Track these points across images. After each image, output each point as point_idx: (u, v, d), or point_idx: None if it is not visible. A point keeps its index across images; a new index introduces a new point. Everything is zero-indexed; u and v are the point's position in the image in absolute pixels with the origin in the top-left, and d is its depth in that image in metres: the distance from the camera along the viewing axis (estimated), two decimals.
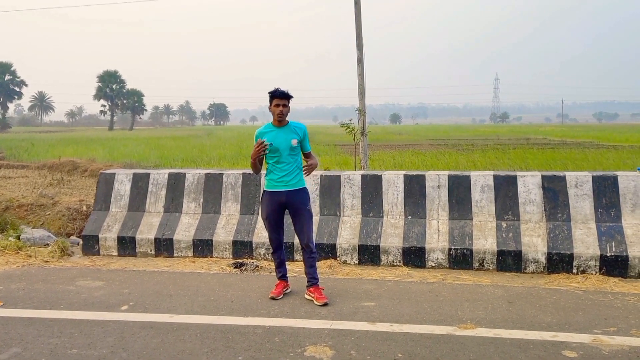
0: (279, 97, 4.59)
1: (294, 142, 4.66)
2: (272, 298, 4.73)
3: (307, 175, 4.85)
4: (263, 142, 4.53)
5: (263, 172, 5.07)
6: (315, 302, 4.58)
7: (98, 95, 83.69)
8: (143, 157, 17.99)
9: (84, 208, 8.35)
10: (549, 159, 14.99)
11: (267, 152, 4.58)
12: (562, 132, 45.10)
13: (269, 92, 4.65)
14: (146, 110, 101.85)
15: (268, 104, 4.68)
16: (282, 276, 4.92)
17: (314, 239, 6.04)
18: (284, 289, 4.87)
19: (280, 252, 4.91)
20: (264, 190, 4.79)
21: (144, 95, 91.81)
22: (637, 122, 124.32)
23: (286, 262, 5.06)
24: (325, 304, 4.53)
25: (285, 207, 4.76)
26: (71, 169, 15.53)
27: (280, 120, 4.64)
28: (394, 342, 3.78)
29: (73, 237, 7.44)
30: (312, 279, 4.74)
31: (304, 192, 4.77)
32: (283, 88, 4.65)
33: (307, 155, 4.84)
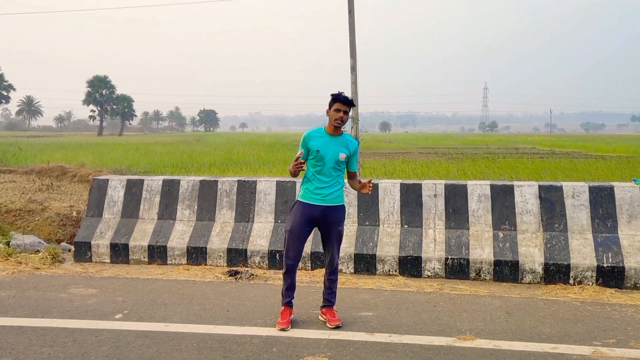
0: (342, 102, 4.17)
1: (342, 156, 4.23)
2: (282, 329, 4.16)
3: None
4: (299, 159, 4.11)
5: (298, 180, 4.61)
6: (327, 324, 4.27)
7: (87, 101, 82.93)
8: (133, 163, 17.81)
9: (74, 214, 8.24)
10: (539, 169, 15.06)
11: (304, 169, 4.17)
12: (550, 141, 45.47)
13: (332, 94, 4.23)
14: (136, 116, 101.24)
15: (328, 108, 4.24)
16: (289, 302, 4.33)
17: (311, 247, 6.00)
18: (291, 316, 4.32)
19: (294, 273, 4.31)
20: (297, 200, 4.31)
21: (133, 101, 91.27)
22: (624, 133, 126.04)
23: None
24: (338, 327, 4.20)
25: (316, 224, 4.30)
26: (60, 174, 15.31)
27: (337, 127, 4.23)
28: (394, 353, 3.74)
29: (64, 244, 7.33)
30: (328, 302, 4.37)
31: (341, 210, 4.31)
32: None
33: (352, 176, 4.42)
